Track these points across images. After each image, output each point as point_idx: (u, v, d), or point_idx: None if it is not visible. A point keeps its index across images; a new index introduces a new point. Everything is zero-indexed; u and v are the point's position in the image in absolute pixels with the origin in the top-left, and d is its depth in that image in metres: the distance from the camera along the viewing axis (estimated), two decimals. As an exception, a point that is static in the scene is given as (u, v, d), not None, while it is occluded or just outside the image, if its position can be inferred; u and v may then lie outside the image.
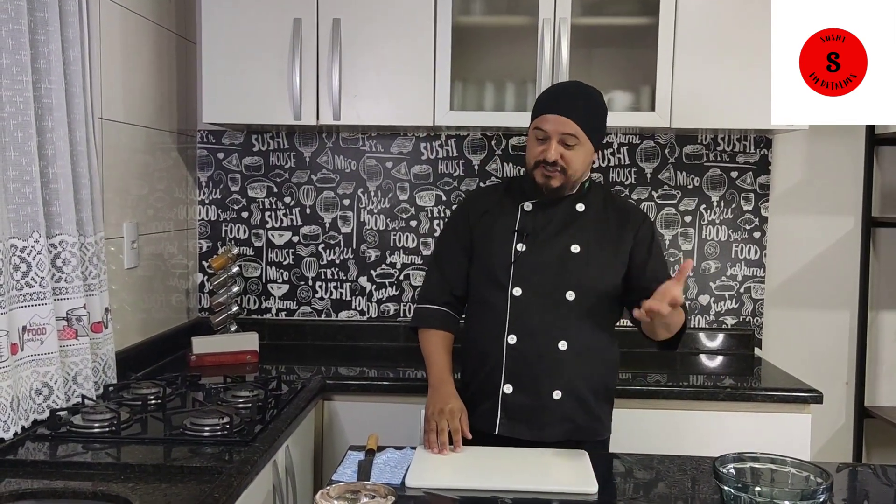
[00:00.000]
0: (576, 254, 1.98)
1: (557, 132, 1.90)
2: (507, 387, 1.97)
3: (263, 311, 3.05)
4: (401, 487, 1.63)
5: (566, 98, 1.94)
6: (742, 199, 2.95)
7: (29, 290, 1.83)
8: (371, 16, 2.59)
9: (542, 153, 1.92)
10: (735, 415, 2.42)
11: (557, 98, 1.95)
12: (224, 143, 3.01)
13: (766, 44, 2.48)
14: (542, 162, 1.92)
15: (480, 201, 2.13)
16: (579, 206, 2.03)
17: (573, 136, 1.90)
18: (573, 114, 1.91)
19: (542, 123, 1.92)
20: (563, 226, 2.01)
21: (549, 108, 1.93)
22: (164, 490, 1.52)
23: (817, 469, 1.54)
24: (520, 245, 2.00)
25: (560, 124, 1.90)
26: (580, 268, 1.98)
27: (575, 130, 1.90)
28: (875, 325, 3.02)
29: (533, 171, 1.96)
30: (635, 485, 1.75)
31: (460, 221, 2.13)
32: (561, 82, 2.14)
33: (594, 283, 2.00)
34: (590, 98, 1.98)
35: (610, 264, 2.01)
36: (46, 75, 1.87)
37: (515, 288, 1.97)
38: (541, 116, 1.93)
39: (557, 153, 1.90)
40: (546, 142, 1.92)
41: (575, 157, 1.93)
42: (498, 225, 2.04)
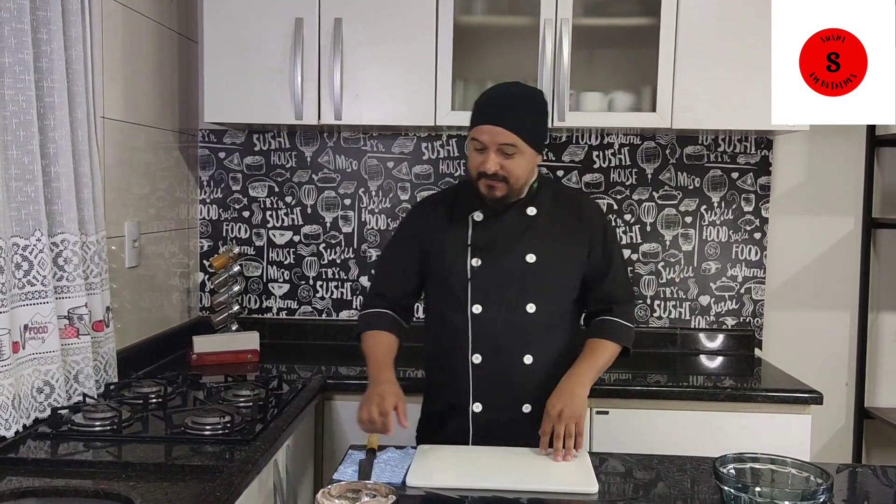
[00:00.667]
0: (532, 264, 1.93)
1: (494, 143, 1.83)
2: (476, 405, 1.94)
3: (264, 310, 3.06)
4: (401, 487, 1.63)
5: (500, 106, 1.86)
6: (743, 199, 2.95)
7: (30, 289, 1.83)
8: (372, 15, 2.59)
9: (482, 164, 1.85)
10: (735, 415, 2.42)
11: (491, 107, 1.86)
12: (225, 143, 3.01)
13: (766, 45, 2.48)
14: (483, 173, 1.86)
15: (430, 214, 2.04)
16: (530, 210, 1.96)
17: (511, 146, 1.83)
18: (508, 122, 1.82)
19: (478, 134, 1.85)
20: (516, 235, 1.95)
21: (483, 118, 1.85)
22: (164, 489, 1.52)
23: (817, 470, 1.54)
24: (474, 260, 1.94)
25: (495, 134, 1.82)
26: (538, 278, 1.93)
27: (512, 139, 1.82)
28: (875, 326, 3.02)
29: (476, 182, 1.89)
30: (635, 485, 1.75)
31: (408, 234, 2.06)
32: (496, 87, 1.95)
33: (553, 293, 1.96)
34: (525, 102, 1.89)
35: (566, 271, 1.97)
36: (48, 74, 1.87)
37: (475, 305, 1.92)
38: (476, 128, 1.86)
39: (496, 164, 1.84)
40: (485, 152, 1.84)
41: (515, 166, 1.85)
42: (450, 239, 1.97)
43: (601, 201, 2.97)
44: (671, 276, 2.98)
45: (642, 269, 2.98)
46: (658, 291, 2.98)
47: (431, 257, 2.00)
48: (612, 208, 2.97)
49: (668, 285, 2.98)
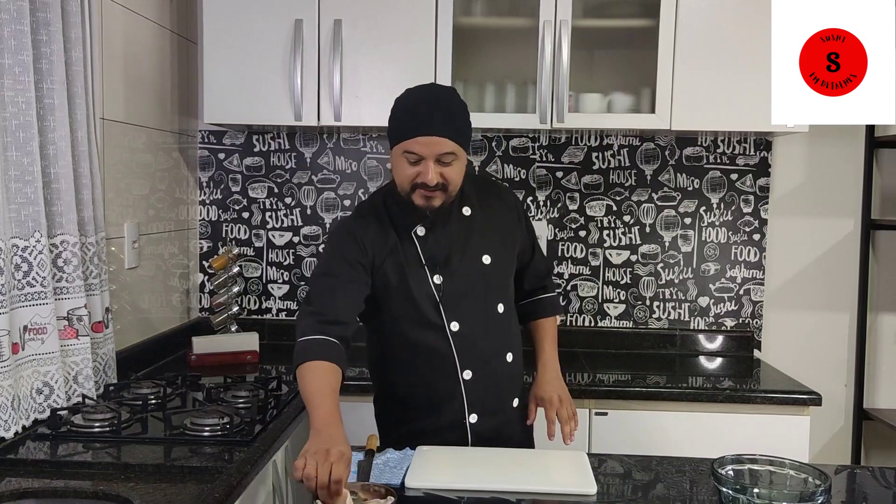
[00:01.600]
0: (488, 265, 1.91)
1: (433, 154, 1.74)
2: (472, 417, 1.92)
3: (264, 311, 3.06)
4: (400, 488, 1.63)
5: (433, 114, 1.75)
6: (742, 201, 2.95)
7: (30, 290, 1.83)
8: (372, 17, 2.60)
9: (420, 176, 1.76)
10: (734, 416, 2.43)
11: (423, 116, 1.75)
12: (225, 144, 3.02)
13: (765, 46, 2.48)
14: (420, 185, 1.77)
15: (370, 234, 1.87)
16: (466, 210, 1.93)
17: (450, 154, 1.76)
18: (445, 131, 1.75)
19: (415, 147, 1.74)
20: (464, 240, 1.90)
21: (418, 129, 1.74)
22: (164, 490, 1.52)
23: (816, 471, 1.54)
24: (436, 277, 1.86)
25: (434, 146, 1.74)
26: (497, 277, 1.94)
27: (451, 148, 1.75)
28: (874, 327, 3.02)
29: (410, 195, 1.80)
30: (634, 486, 1.75)
31: (352, 254, 1.84)
32: (418, 93, 1.82)
33: (509, 285, 2.00)
34: (451, 105, 1.81)
35: (511, 260, 2.00)
36: (48, 76, 1.87)
37: (452, 323, 1.86)
38: (411, 140, 1.74)
39: (437, 175, 1.75)
40: (420, 163, 1.75)
41: (454, 172, 1.78)
42: (403, 262, 1.86)
43: (600, 202, 2.97)
44: (670, 278, 2.98)
45: (641, 270, 2.99)
46: (657, 293, 2.99)
47: (384, 281, 1.86)
48: (612, 210, 2.97)
49: (667, 286, 2.99)
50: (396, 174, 1.82)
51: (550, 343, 2.07)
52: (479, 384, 1.90)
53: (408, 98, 1.83)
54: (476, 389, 1.90)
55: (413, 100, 1.81)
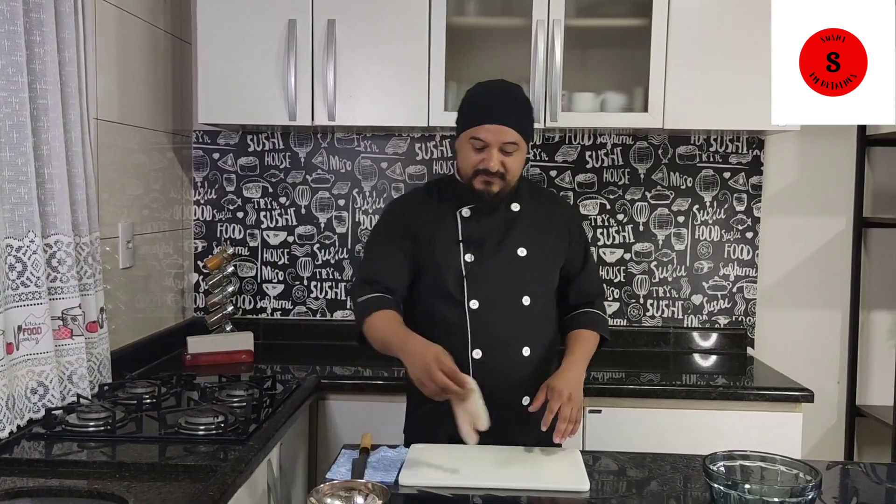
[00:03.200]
0: (523, 257, 1.98)
1: (498, 141, 1.87)
2: None
3: (258, 310, 3.06)
4: (394, 486, 1.64)
5: (502, 105, 1.90)
6: (735, 199, 2.96)
7: (24, 290, 1.84)
8: (366, 17, 2.60)
9: (483, 162, 1.88)
10: (727, 414, 2.44)
11: (493, 106, 1.89)
12: (219, 144, 3.02)
13: (758, 45, 2.53)
14: (483, 171, 1.89)
15: (417, 210, 2.03)
16: (514, 206, 2.01)
17: (513, 143, 1.88)
18: (512, 121, 1.88)
19: (481, 133, 1.87)
20: (505, 229, 1.99)
21: (486, 116, 1.88)
22: (158, 488, 1.53)
23: (807, 467, 1.55)
24: (468, 255, 1.96)
25: (500, 133, 1.87)
26: (530, 271, 1.99)
27: (515, 138, 1.88)
28: (866, 324, 3.04)
29: (472, 180, 1.92)
30: (628, 483, 1.76)
31: (398, 229, 2.01)
32: (490, 86, 1.97)
33: (543, 284, 2.03)
34: (520, 98, 1.95)
35: (553, 263, 2.05)
36: (42, 76, 1.87)
37: (472, 301, 1.94)
38: (480, 127, 1.88)
39: (499, 162, 1.88)
40: (485, 150, 1.88)
41: (514, 163, 1.91)
42: (439, 237, 1.98)
43: (594, 201, 2.98)
44: (664, 276, 2.99)
45: (635, 268, 3.00)
46: (651, 291, 3.00)
47: (421, 253, 1.99)
48: (605, 208, 2.98)
49: (660, 284, 3.00)
50: (461, 159, 1.96)
51: (582, 349, 2.01)
52: (488, 367, 1.94)
53: (478, 89, 1.98)
54: (484, 372, 1.92)
55: (483, 90, 1.96)
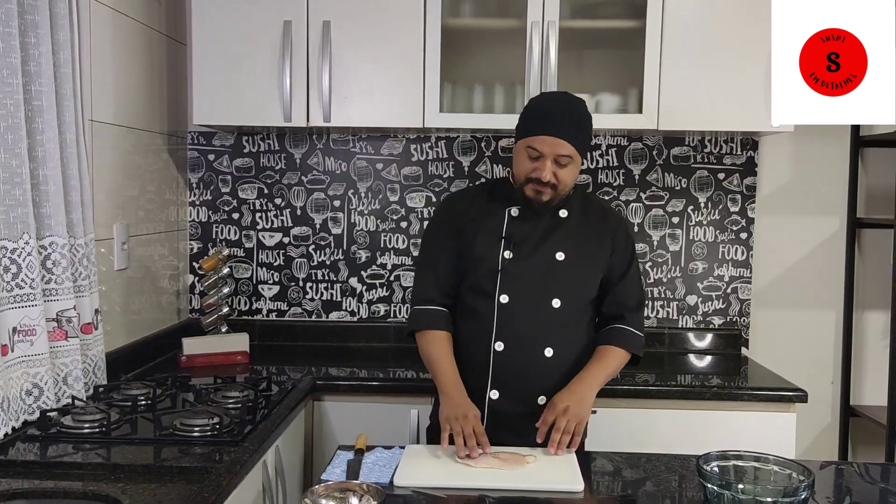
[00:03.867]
0: (560, 261, 2.00)
1: (553, 153, 1.90)
2: (493, 393, 1.98)
3: (254, 311, 3.06)
4: (389, 487, 1.65)
5: (561, 117, 1.92)
6: (729, 200, 2.97)
7: (19, 292, 1.84)
8: (361, 18, 2.60)
9: (535, 171, 1.91)
10: (722, 414, 2.45)
11: (552, 118, 1.92)
12: (215, 145, 3.02)
13: (752, 46, 2.54)
14: (535, 179, 1.92)
15: (466, 205, 2.11)
16: (562, 213, 2.04)
17: (567, 157, 1.91)
18: (568, 135, 1.90)
19: (537, 144, 1.91)
20: (547, 233, 2.02)
21: (544, 128, 1.91)
22: (153, 490, 1.53)
23: (800, 467, 1.56)
24: (506, 252, 2.00)
25: (556, 146, 1.89)
26: (565, 276, 2.00)
27: (570, 151, 1.91)
28: (860, 324, 3.05)
29: (523, 186, 1.96)
30: (623, 483, 1.77)
31: (448, 223, 2.10)
32: (552, 97, 2.04)
33: (578, 291, 2.03)
34: (580, 112, 1.96)
35: (591, 271, 2.05)
36: (37, 78, 1.88)
37: (502, 295, 1.98)
38: (536, 137, 1.91)
39: (552, 173, 1.91)
40: (539, 160, 1.91)
41: (568, 175, 1.94)
42: (484, 230, 2.03)
43: (589, 202, 2.98)
44: (658, 276, 3.00)
45: (630, 269, 3.00)
46: (646, 291, 3.00)
47: (464, 247, 2.05)
48: (600, 209, 2.99)
49: (655, 285, 3.01)
50: (516, 165, 1.99)
51: (598, 365, 2.00)
52: (508, 361, 1.97)
53: (541, 99, 2.03)
54: (503, 365, 1.97)
55: (545, 101, 2.00)
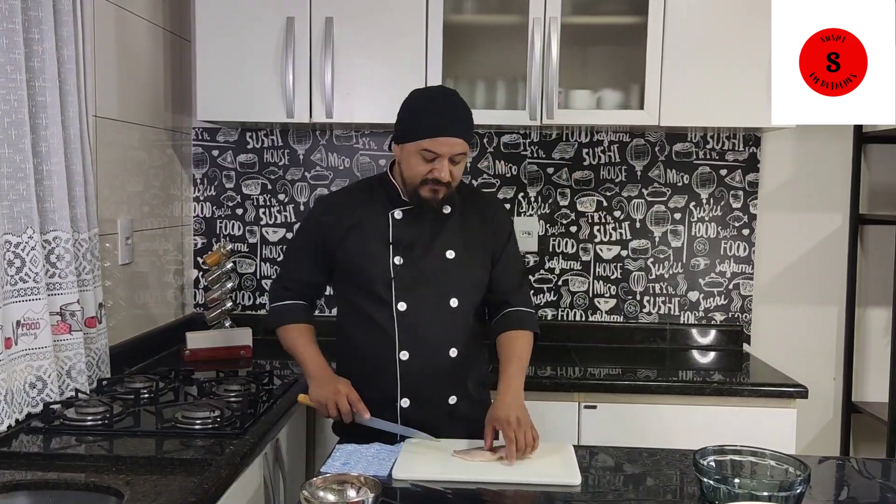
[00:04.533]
0: (451, 260, 1.98)
1: (450, 153, 1.87)
2: (404, 401, 1.97)
3: (258, 306, 3.08)
4: (387, 479, 1.66)
5: (453, 116, 1.90)
6: (731, 196, 2.97)
7: (23, 286, 1.85)
8: (363, 14, 2.61)
9: (433, 172, 1.88)
10: (722, 409, 2.45)
11: (443, 118, 1.89)
12: (218, 141, 3.04)
13: (754, 42, 2.54)
14: (432, 180, 1.89)
15: (344, 211, 2.03)
16: (446, 209, 2.01)
17: (462, 154, 1.91)
18: (461, 132, 1.89)
19: (434, 146, 1.86)
20: (435, 232, 1.99)
21: (440, 129, 1.87)
22: (155, 482, 1.54)
23: (796, 462, 1.57)
24: (397, 258, 1.97)
25: (453, 146, 1.88)
26: (458, 274, 1.99)
27: (464, 148, 1.90)
28: (862, 321, 3.05)
29: (418, 188, 1.91)
30: (624, 478, 1.77)
31: (320, 231, 2.04)
32: (435, 95, 1.98)
33: (471, 286, 2.02)
34: (462, 106, 1.94)
35: (481, 264, 2.03)
36: (40, 73, 1.89)
37: (400, 303, 1.95)
38: (433, 139, 1.86)
39: (449, 172, 1.88)
40: (435, 160, 1.88)
41: (459, 171, 1.93)
42: (369, 237, 1.99)
43: (591, 198, 2.99)
44: (660, 273, 3.01)
45: (632, 265, 3.01)
46: (647, 287, 3.01)
47: (346, 254, 2.00)
48: (602, 205, 2.99)
49: (657, 281, 3.01)
50: (407, 167, 1.92)
51: (513, 363, 1.97)
52: (415, 368, 1.96)
53: (423, 99, 1.96)
54: (411, 373, 1.97)
55: (430, 101, 1.94)
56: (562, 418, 2.46)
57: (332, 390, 1.91)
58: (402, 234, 1.98)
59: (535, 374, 2.51)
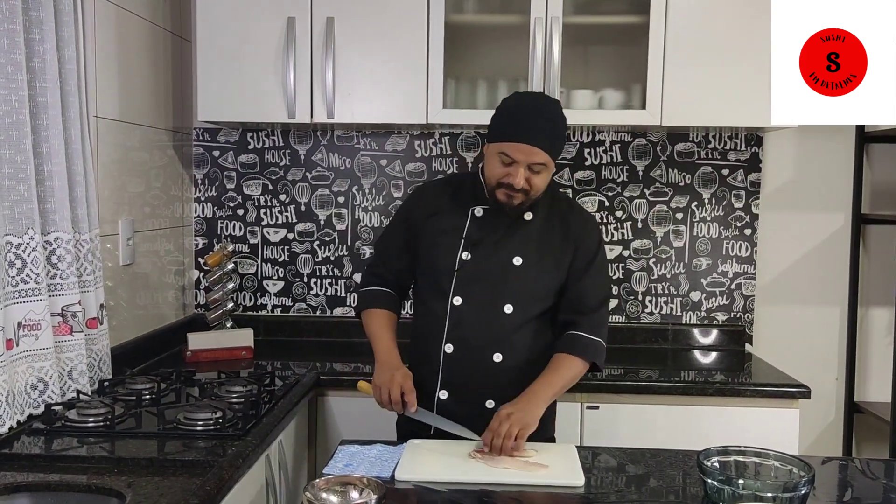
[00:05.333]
0: (517, 266, 1.96)
1: (527, 161, 1.85)
2: (442, 392, 1.99)
3: (259, 307, 3.08)
4: (390, 480, 1.66)
5: (536, 125, 1.86)
6: (733, 196, 2.97)
7: (24, 287, 1.85)
8: (364, 14, 2.61)
9: (508, 177, 1.87)
10: (725, 410, 2.45)
11: (527, 125, 1.86)
12: (219, 141, 3.03)
13: (756, 42, 2.54)
14: (507, 185, 1.88)
15: (431, 200, 2.08)
16: (527, 215, 1.99)
17: (542, 164, 1.87)
18: (543, 143, 1.85)
19: (511, 151, 1.85)
20: (508, 235, 1.98)
21: (518, 135, 1.85)
22: (156, 483, 1.54)
23: (800, 462, 1.57)
24: (465, 253, 1.97)
25: (530, 154, 1.85)
26: (520, 281, 1.96)
27: (544, 159, 1.86)
28: (865, 321, 3.04)
29: (495, 190, 1.91)
30: (626, 479, 1.77)
31: (408, 218, 2.10)
32: (527, 100, 1.95)
33: (532, 297, 1.98)
34: (555, 118, 1.91)
35: (549, 277, 1.99)
36: (41, 74, 1.88)
37: (456, 297, 1.97)
38: (510, 144, 1.86)
39: (525, 180, 1.86)
40: (512, 165, 1.86)
41: (540, 181, 1.90)
42: (445, 228, 2.00)
43: (592, 198, 2.99)
44: (662, 273, 3.00)
45: (633, 265, 3.01)
46: (649, 287, 3.01)
47: (424, 244, 2.04)
48: (604, 205, 2.99)
49: (659, 281, 3.01)
50: (488, 167, 1.94)
51: (548, 377, 1.93)
52: (457, 364, 1.97)
53: (516, 102, 1.95)
54: (452, 367, 1.97)
55: (520, 105, 1.93)
56: (564, 419, 2.44)
57: (388, 377, 1.92)
58: (477, 232, 1.99)
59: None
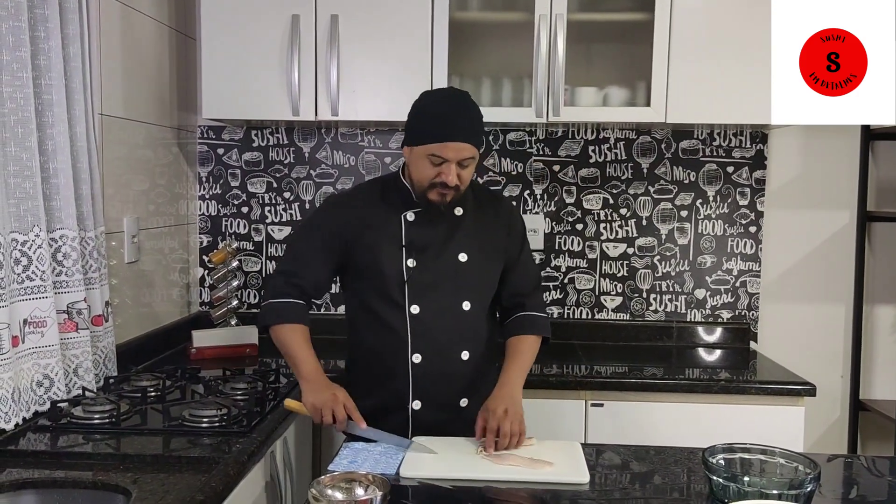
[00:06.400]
0: (464, 262, 1.98)
1: (457, 158, 1.86)
2: (415, 403, 1.97)
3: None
4: (395, 478, 1.66)
5: (459, 121, 1.88)
6: (738, 193, 2.96)
7: (30, 284, 1.85)
8: (368, 12, 2.61)
9: (440, 176, 1.87)
10: (730, 407, 2.44)
11: (452, 122, 1.87)
12: (224, 139, 3.03)
13: (760, 39, 2.50)
14: (440, 184, 1.88)
15: (356, 211, 2.01)
16: (458, 211, 2.00)
17: (471, 158, 1.89)
18: (470, 137, 1.88)
19: (441, 151, 1.85)
20: (447, 235, 1.99)
21: (447, 135, 1.85)
22: (162, 480, 1.54)
23: (806, 460, 1.56)
24: (410, 261, 1.96)
25: (460, 151, 1.86)
26: (471, 277, 1.99)
27: (472, 153, 1.89)
28: (870, 318, 3.03)
29: (426, 191, 1.91)
30: (631, 476, 1.77)
31: (332, 230, 2.01)
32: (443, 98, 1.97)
33: (484, 289, 2.03)
34: (473, 110, 1.92)
35: (493, 266, 2.04)
36: (46, 72, 1.89)
37: (413, 306, 1.95)
38: (440, 144, 1.85)
39: (456, 176, 1.87)
40: (444, 165, 1.86)
41: (468, 174, 1.92)
42: (382, 238, 1.97)
43: (597, 196, 2.99)
44: (667, 270, 3.00)
45: (638, 262, 3.00)
46: (654, 285, 3.00)
47: (360, 255, 1.99)
48: (608, 203, 2.99)
49: (663, 279, 3.00)
50: (416, 171, 1.92)
51: (516, 362, 1.99)
52: (427, 371, 1.96)
53: (434, 103, 1.94)
54: (423, 376, 1.96)
55: (440, 105, 1.92)
56: (568, 416, 2.45)
57: (328, 396, 1.85)
58: (415, 237, 1.97)
59: (542, 372, 2.50)
